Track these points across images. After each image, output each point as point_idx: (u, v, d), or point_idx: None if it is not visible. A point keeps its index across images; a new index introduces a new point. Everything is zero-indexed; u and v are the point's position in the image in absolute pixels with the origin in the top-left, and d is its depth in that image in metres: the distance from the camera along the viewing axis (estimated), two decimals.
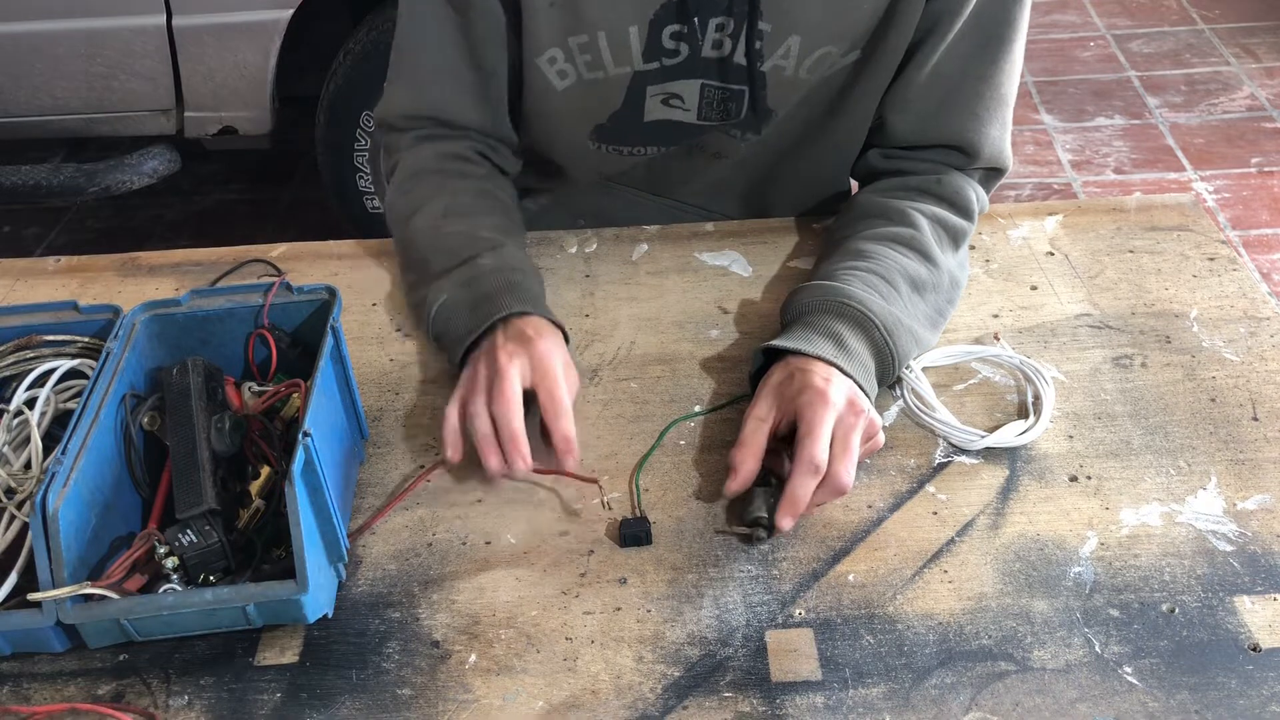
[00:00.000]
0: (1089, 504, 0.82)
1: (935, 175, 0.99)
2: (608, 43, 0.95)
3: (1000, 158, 1.01)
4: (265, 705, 0.71)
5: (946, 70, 0.96)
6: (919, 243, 0.94)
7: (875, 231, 0.96)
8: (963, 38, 0.94)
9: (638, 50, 0.96)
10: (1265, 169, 2.82)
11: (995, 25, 0.94)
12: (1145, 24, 3.53)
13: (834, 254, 0.96)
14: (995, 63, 0.96)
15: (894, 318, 0.88)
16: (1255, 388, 0.91)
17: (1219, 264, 1.04)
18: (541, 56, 0.97)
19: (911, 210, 0.96)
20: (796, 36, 0.94)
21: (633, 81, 0.99)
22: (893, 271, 0.91)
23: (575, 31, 0.95)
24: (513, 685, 0.72)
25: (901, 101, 0.99)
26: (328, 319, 0.83)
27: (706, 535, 0.81)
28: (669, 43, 0.96)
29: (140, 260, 1.11)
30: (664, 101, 1.01)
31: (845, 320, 0.87)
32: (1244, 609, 0.74)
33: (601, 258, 1.09)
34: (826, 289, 0.89)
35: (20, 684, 0.73)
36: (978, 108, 0.98)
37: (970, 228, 0.99)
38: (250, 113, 2.24)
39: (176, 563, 0.73)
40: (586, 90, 0.99)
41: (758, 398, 0.83)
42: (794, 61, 0.96)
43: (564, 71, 0.98)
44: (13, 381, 0.83)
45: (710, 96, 1.00)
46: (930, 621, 0.74)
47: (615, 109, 1.01)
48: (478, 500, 0.85)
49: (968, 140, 0.98)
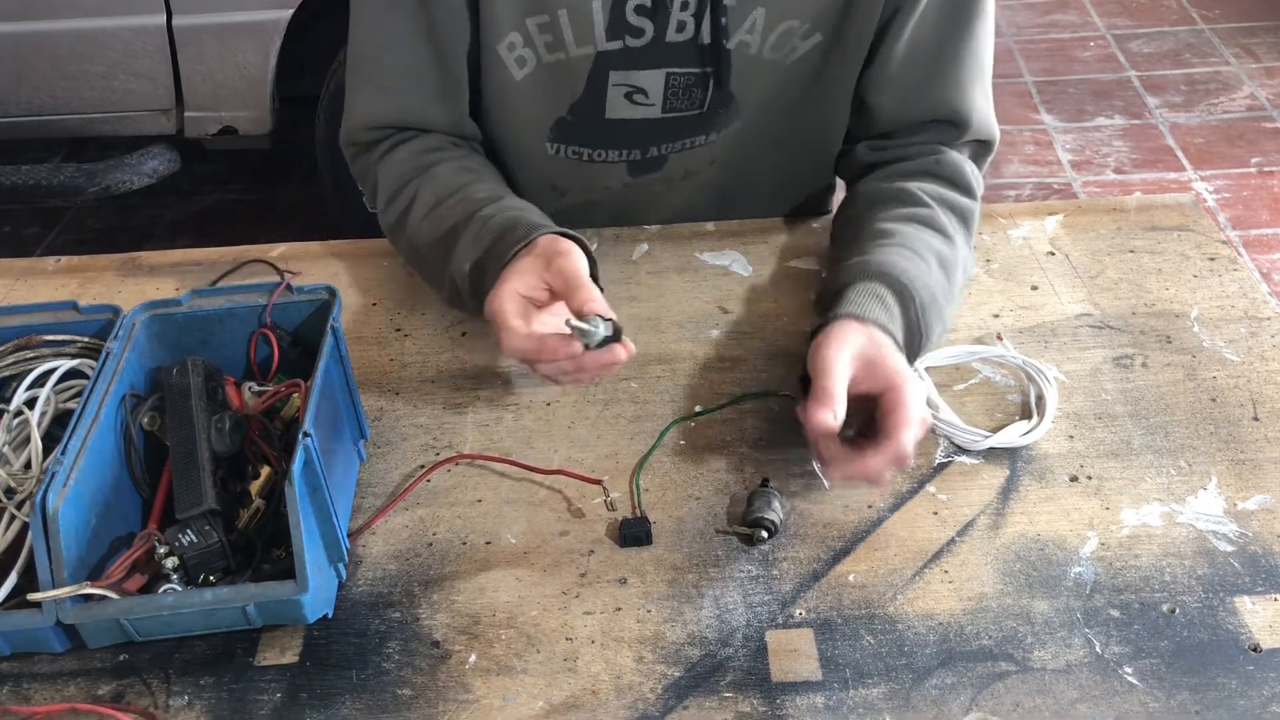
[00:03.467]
0: (1089, 504, 0.82)
1: (933, 155, 0.98)
2: (569, 20, 0.93)
3: (989, 127, 1.00)
4: (265, 705, 0.71)
5: (923, 42, 0.95)
6: (937, 221, 0.93)
7: (893, 213, 0.94)
8: (934, 7, 0.94)
9: (601, 27, 0.94)
10: (1265, 169, 2.82)
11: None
12: (1145, 24, 3.53)
13: (858, 238, 0.93)
14: (970, 27, 0.95)
15: (934, 300, 0.87)
16: (1256, 388, 0.90)
17: (1219, 264, 1.04)
18: (501, 43, 0.95)
19: (919, 191, 0.95)
20: (761, 9, 0.93)
21: (595, 64, 0.97)
22: (924, 249, 0.90)
23: (536, 12, 0.93)
24: (513, 685, 0.72)
25: (881, 81, 0.98)
26: (328, 319, 0.83)
27: (706, 535, 0.81)
28: (634, 18, 0.94)
29: (140, 260, 1.11)
30: (627, 96, 0.99)
31: (900, 299, 0.85)
32: (1244, 609, 0.74)
33: (601, 257, 1.08)
34: (880, 266, 0.87)
35: (20, 684, 0.73)
36: (960, 75, 0.96)
37: (975, 206, 0.98)
38: (250, 113, 2.24)
39: (176, 563, 0.73)
40: (547, 75, 0.97)
41: (839, 356, 0.78)
42: (759, 37, 0.95)
43: (523, 58, 0.97)
44: (13, 381, 0.83)
45: (675, 85, 0.98)
46: (930, 621, 0.74)
47: (575, 98, 0.99)
48: (478, 500, 0.85)
49: (955, 109, 0.97)
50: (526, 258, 0.84)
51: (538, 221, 0.89)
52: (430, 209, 0.96)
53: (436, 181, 0.97)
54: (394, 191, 0.99)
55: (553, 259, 0.83)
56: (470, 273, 0.89)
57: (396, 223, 0.99)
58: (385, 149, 1.01)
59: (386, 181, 1.00)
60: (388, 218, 1.00)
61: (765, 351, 0.96)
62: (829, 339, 0.80)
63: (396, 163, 1.00)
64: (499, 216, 0.90)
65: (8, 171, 2.27)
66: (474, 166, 1.01)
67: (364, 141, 1.03)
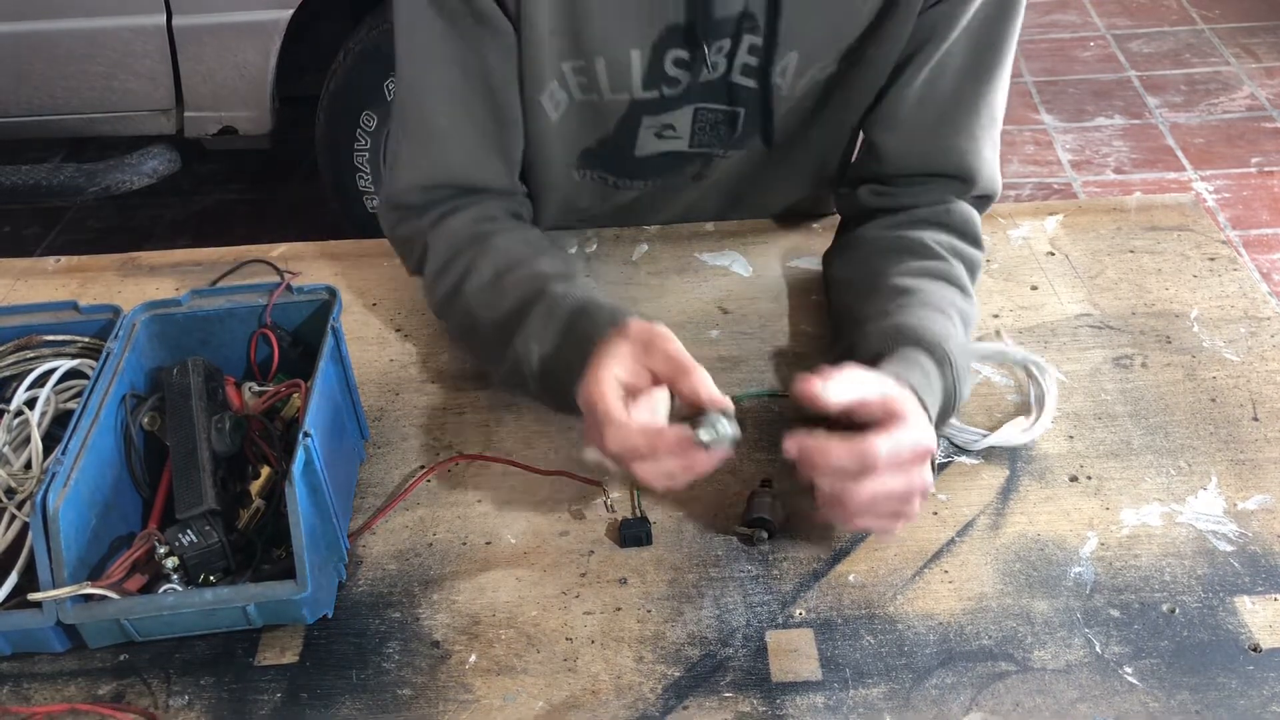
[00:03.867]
0: (1089, 504, 0.82)
1: (942, 206, 0.94)
2: (605, 67, 0.91)
3: (994, 183, 0.97)
4: (265, 705, 0.71)
5: (940, 88, 0.92)
6: (954, 276, 0.89)
7: (909, 266, 0.90)
8: (955, 55, 0.91)
9: (638, 77, 0.91)
10: (1265, 169, 2.82)
11: (990, 42, 0.90)
12: (1145, 24, 3.53)
13: (875, 293, 0.88)
14: (990, 82, 0.92)
15: (964, 359, 0.82)
16: (1255, 388, 0.91)
17: (1219, 264, 1.04)
18: (543, 93, 0.92)
19: (933, 243, 0.91)
20: (794, 53, 0.91)
21: (629, 110, 0.94)
22: (948, 307, 0.86)
23: (573, 56, 0.90)
24: (513, 685, 0.72)
25: (891, 120, 0.94)
26: (328, 319, 0.83)
27: (706, 535, 0.81)
28: (672, 69, 0.91)
29: (140, 260, 1.11)
30: (657, 134, 0.97)
31: (938, 365, 0.80)
32: (1244, 609, 0.74)
33: (602, 258, 1.09)
34: (912, 330, 0.81)
35: (20, 684, 0.73)
36: (974, 128, 0.93)
37: (982, 258, 0.95)
38: (250, 113, 2.24)
39: (176, 563, 0.73)
40: (578, 113, 0.95)
41: (872, 373, 0.74)
42: (790, 80, 0.93)
43: (558, 101, 0.93)
44: (13, 381, 0.83)
45: (703, 120, 0.97)
46: (930, 621, 0.74)
47: (606, 135, 0.97)
48: (478, 500, 0.85)
49: (966, 166, 0.94)
50: (621, 343, 0.76)
51: (616, 305, 0.82)
52: (490, 281, 0.89)
53: (496, 253, 0.90)
54: (447, 260, 0.92)
55: (652, 342, 0.75)
56: (541, 359, 0.82)
57: (449, 294, 0.92)
58: (437, 216, 0.94)
59: (439, 250, 0.93)
60: (439, 288, 0.93)
61: (765, 351, 0.97)
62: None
63: (450, 231, 0.93)
64: (572, 297, 0.83)
65: (8, 171, 2.27)
66: (533, 240, 0.95)
67: (413, 205, 0.95)
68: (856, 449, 0.69)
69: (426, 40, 0.89)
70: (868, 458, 0.69)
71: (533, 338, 0.83)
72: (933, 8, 0.88)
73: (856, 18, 0.89)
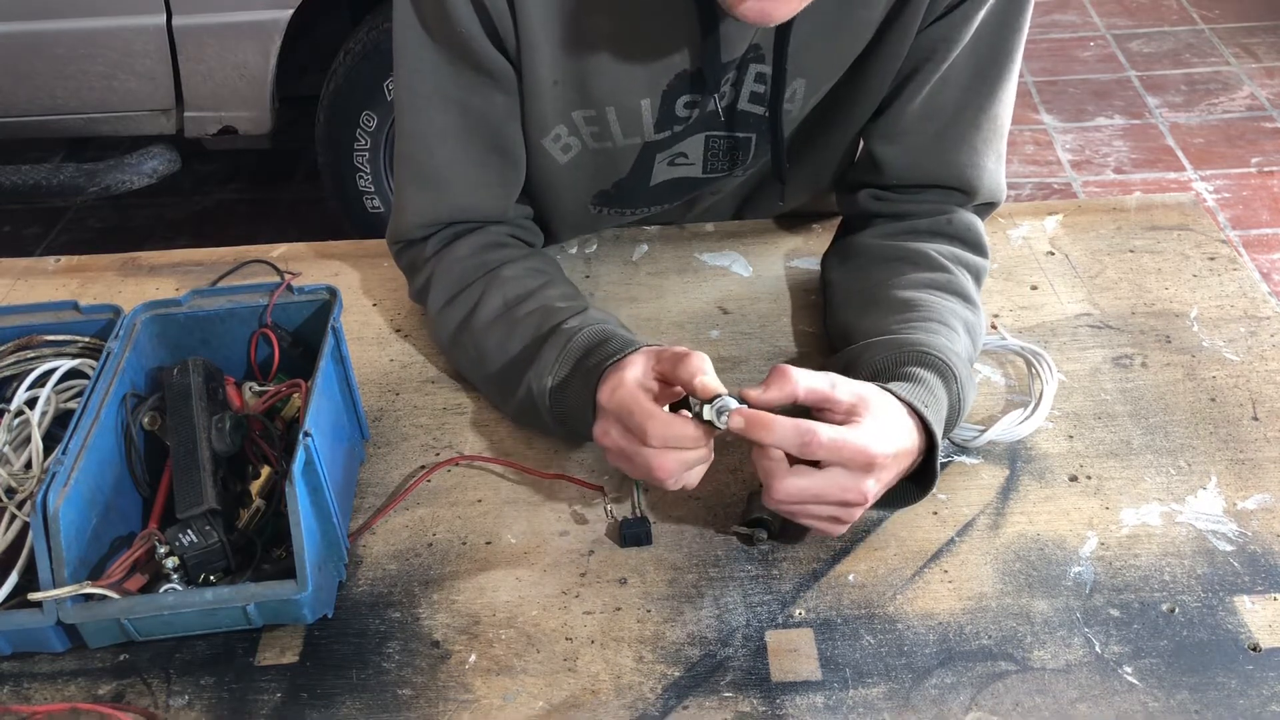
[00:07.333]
0: (1089, 504, 0.82)
1: (944, 214, 0.94)
2: (617, 116, 0.91)
3: (997, 192, 0.97)
4: (265, 705, 0.71)
5: (942, 103, 0.92)
6: (958, 286, 0.89)
7: (910, 278, 0.90)
8: (958, 69, 0.90)
9: (649, 123, 0.92)
10: (1265, 169, 2.82)
11: (994, 54, 0.90)
12: (1145, 24, 3.53)
13: (876, 305, 0.89)
14: (993, 94, 0.91)
15: (968, 370, 0.82)
16: (1255, 387, 0.91)
17: (1219, 264, 1.04)
18: (546, 136, 0.92)
19: (935, 254, 0.91)
20: (802, 80, 0.91)
21: (642, 151, 0.95)
22: (952, 319, 0.86)
23: (582, 106, 0.90)
24: (513, 685, 0.72)
25: (893, 133, 0.94)
26: (328, 319, 0.83)
27: (706, 535, 0.81)
28: (683, 111, 0.92)
29: (140, 260, 1.11)
30: (670, 163, 0.98)
31: (942, 380, 0.80)
32: (1244, 609, 0.74)
33: (601, 258, 1.09)
34: (915, 344, 0.82)
35: (20, 684, 0.73)
36: (976, 141, 0.93)
37: (986, 265, 0.94)
38: (250, 113, 2.24)
39: (177, 563, 0.73)
40: (592, 160, 0.95)
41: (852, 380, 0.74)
42: (798, 105, 0.93)
43: (568, 146, 0.93)
44: (13, 381, 0.83)
45: (715, 147, 0.97)
46: (930, 621, 0.74)
47: (621, 177, 0.98)
48: (478, 500, 0.85)
49: (966, 179, 0.94)
50: (636, 356, 0.77)
51: (628, 335, 0.84)
52: (500, 314, 0.90)
53: (505, 284, 0.91)
54: (455, 292, 0.92)
55: (661, 351, 0.76)
56: (554, 392, 0.83)
57: (459, 326, 0.92)
58: (439, 244, 0.95)
59: (445, 280, 0.93)
60: (447, 319, 0.93)
61: (765, 351, 0.97)
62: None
63: (456, 259, 0.94)
64: (584, 331, 0.84)
65: (8, 171, 2.27)
66: (543, 268, 0.95)
67: (416, 238, 0.96)
68: (801, 426, 0.70)
69: (428, 83, 0.89)
70: (807, 436, 0.69)
71: (546, 372, 0.83)
72: (932, 25, 0.88)
73: (859, 39, 0.89)
